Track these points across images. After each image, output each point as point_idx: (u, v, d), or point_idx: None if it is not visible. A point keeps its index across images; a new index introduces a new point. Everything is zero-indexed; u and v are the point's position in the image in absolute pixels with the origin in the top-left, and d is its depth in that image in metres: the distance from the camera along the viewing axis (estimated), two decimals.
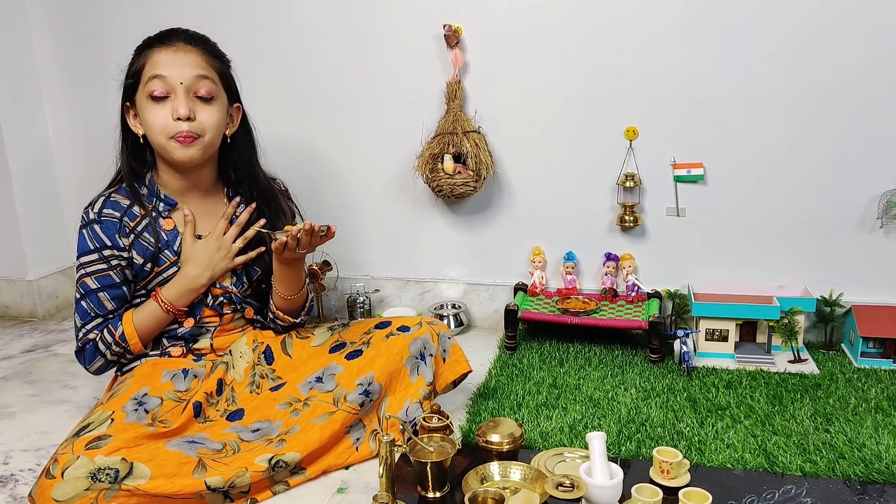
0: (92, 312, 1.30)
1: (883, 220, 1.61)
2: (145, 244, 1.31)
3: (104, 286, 1.30)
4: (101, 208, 1.31)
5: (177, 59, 1.27)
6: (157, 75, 1.26)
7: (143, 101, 1.28)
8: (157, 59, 1.27)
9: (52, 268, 2.11)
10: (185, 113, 1.26)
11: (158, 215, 1.34)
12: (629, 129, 1.69)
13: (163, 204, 1.35)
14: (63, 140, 2.09)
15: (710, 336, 1.60)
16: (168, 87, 1.26)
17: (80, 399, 1.52)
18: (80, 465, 1.02)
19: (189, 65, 1.28)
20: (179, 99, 1.26)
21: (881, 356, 1.54)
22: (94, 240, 1.30)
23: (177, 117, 1.26)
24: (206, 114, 1.29)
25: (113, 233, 1.30)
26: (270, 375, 1.33)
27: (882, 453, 1.19)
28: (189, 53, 1.29)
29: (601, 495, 1.02)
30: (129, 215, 1.32)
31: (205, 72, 1.30)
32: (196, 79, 1.28)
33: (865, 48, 1.53)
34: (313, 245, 1.29)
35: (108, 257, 1.30)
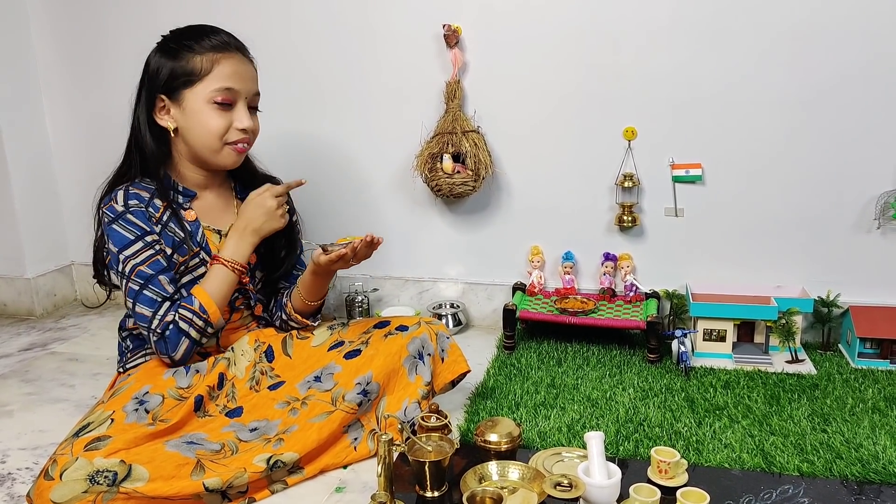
0: (159, 297, 1.25)
1: (880, 221, 1.61)
2: (171, 235, 1.31)
3: (159, 270, 1.26)
4: (125, 200, 1.29)
5: (242, 71, 1.31)
6: (230, 88, 1.29)
7: (201, 103, 1.28)
8: (226, 68, 1.29)
9: (51, 266, 2.11)
10: (250, 125, 1.33)
11: (179, 206, 1.34)
12: (628, 130, 1.69)
13: (181, 196, 1.35)
14: (62, 139, 2.09)
15: (707, 336, 1.60)
16: (234, 98, 1.31)
17: (77, 398, 1.52)
18: (78, 467, 1.02)
19: (251, 79, 1.34)
20: (243, 111, 1.32)
21: (878, 357, 1.55)
22: (133, 229, 1.27)
23: (242, 128, 1.31)
24: (256, 122, 1.36)
25: (146, 220, 1.29)
26: (270, 374, 1.33)
27: (879, 453, 1.20)
28: (249, 66, 1.34)
29: (599, 495, 1.02)
30: (153, 206, 1.31)
31: (258, 87, 1.36)
32: (255, 94, 1.35)
33: (862, 49, 1.54)
34: (368, 256, 1.32)
35: (152, 243, 1.27)
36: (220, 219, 1.39)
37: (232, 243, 1.32)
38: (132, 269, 1.26)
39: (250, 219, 1.32)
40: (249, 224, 1.32)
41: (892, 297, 1.64)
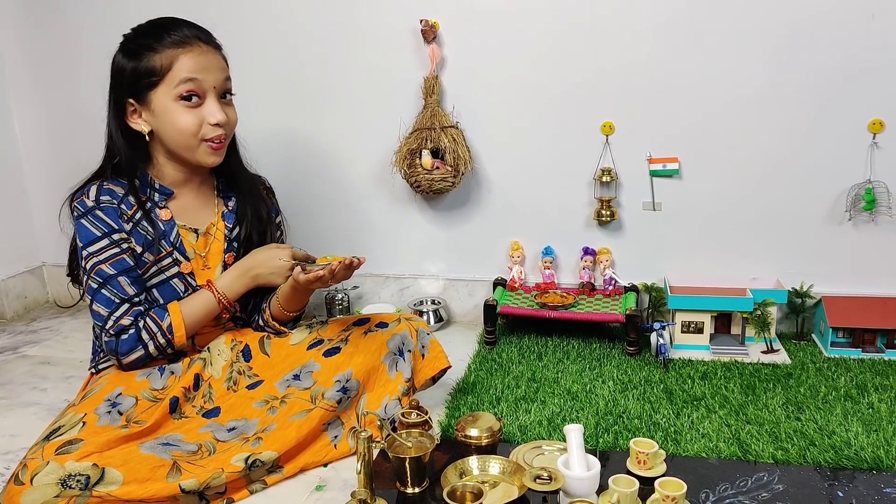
0: (116, 298, 1.23)
1: (851, 213, 1.64)
2: (143, 233, 1.28)
3: (121, 270, 1.24)
4: (97, 195, 1.26)
5: (206, 62, 1.25)
6: (193, 79, 1.23)
7: (169, 102, 1.24)
8: (186, 62, 1.23)
9: (20, 268, 2.07)
10: (222, 118, 1.26)
11: (154, 205, 1.31)
12: (605, 125, 1.70)
13: (158, 194, 1.32)
14: (30, 138, 2.04)
15: (685, 328, 1.62)
16: (201, 91, 1.25)
17: (49, 401, 1.49)
18: (49, 471, 1.00)
19: (217, 68, 1.27)
20: (214, 104, 1.26)
21: (850, 346, 1.58)
22: (100, 225, 1.24)
23: (214, 122, 1.26)
24: (231, 114, 1.30)
25: (116, 217, 1.26)
26: (248, 373, 1.32)
27: (851, 440, 1.22)
28: (214, 55, 1.28)
29: (578, 487, 1.03)
30: (126, 203, 1.27)
31: (227, 73, 1.30)
32: (225, 81, 1.29)
33: (834, 45, 1.56)
34: (347, 277, 1.28)
35: (119, 241, 1.24)
36: (198, 217, 1.36)
37: (230, 278, 1.31)
38: (93, 266, 1.23)
39: (258, 265, 1.32)
40: (254, 269, 1.32)
41: (863, 287, 1.67)
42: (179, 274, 1.31)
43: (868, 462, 1.16)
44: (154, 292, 1.29)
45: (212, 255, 1.35)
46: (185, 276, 1.32)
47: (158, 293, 1.30)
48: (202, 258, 1.34)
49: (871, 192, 1.60)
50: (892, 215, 1.62)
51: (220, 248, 1.36)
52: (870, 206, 1.60)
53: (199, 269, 1.34)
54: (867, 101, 1.57)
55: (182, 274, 1.31)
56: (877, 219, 1.63)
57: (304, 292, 1.33)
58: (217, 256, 1.36)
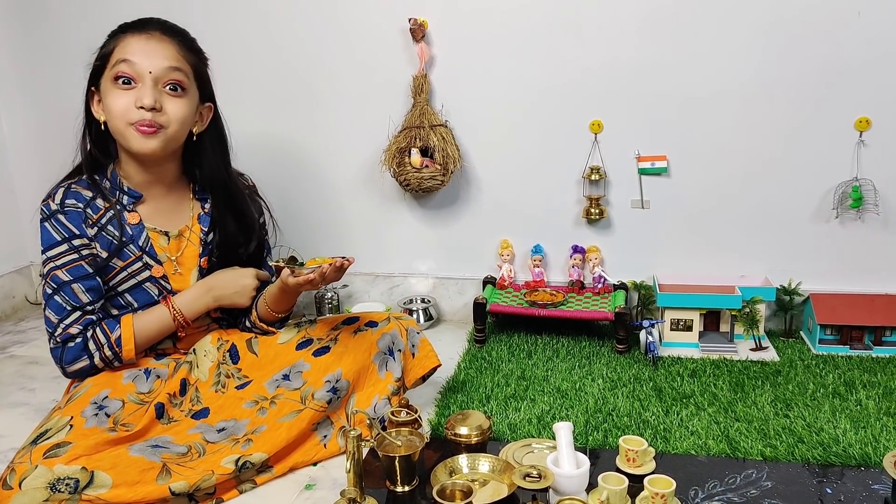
0: (68, 306, 1.21)
1: (838, 211, 1.65)
2: (109, 237, 1.26)
3: (77, 277, 1.22)
4: (63, 199, 1.24)
5: (149, 47, 1.21)
6: (125, 60, 1.20)
7: (108, 85, 1.22)
8: (129, 44, 1.21)
9: (8, 267, 2.05)
10: (149, 102, 1.20)
11: (123, 208, 1.28)
12: (594, 123, 1.70)
13: (127, 197, 1.29)
14: (18, 137, 2.03)
15: (674, 326, 1.63)
16: (135, 74, 1.21)
17: (37, 402, 1.48)
18: (38, 475, 0.99)
19: (161, 55, 1.22)
20: (146, 87, 1.20)
21: (838, 343, 1.59)
22: (61, 230, 1.23)
23: (140, 105, 1.20)
24: (173, 105, 1.23)
25: (79, 222, 1.24)
26: (236, 374, 1.31)
27: (839, 437, 1.23)
28: (163, 43, 1.23)
29: (568, 484, 1.03)
30: (93, 207, 1.26)
31: (177, 64, 1.24)
32: (167, 70, 1.22)
33: (820, 44, 1.57)
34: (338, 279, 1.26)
35: (79, 247, 1.23)
36: (170, 220, 1.33)
37: (190, 297, 1.29)
38: (49, 271, 1.22)
39: (221, 286, 1.30)
40: (217, 290, 1.30)
41: (850, 284, 1.68)
42: (151, 278, 1.29)
43: (856, 459, 1.16)
44: (128, 296, 1.28)
45: (185, 259, 1.33)
46: (158, 279, 1.30)
47: (132, 297, 1.29)
48: (173, 262, 1.32)
49: (858, 190, 1.61)
50: (879, 213, 1.63)
51: (195, 252, 1.34)
52: (857, 204, 1.61)
53: (171, 273, 1.31)
54: (854, 99, 1.58)
55: (154, 278, 1.29)
56: (864, 216, 1.64)
57: (292, 294, 1.31)
58: (192, 260, 1.33)
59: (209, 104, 1.33)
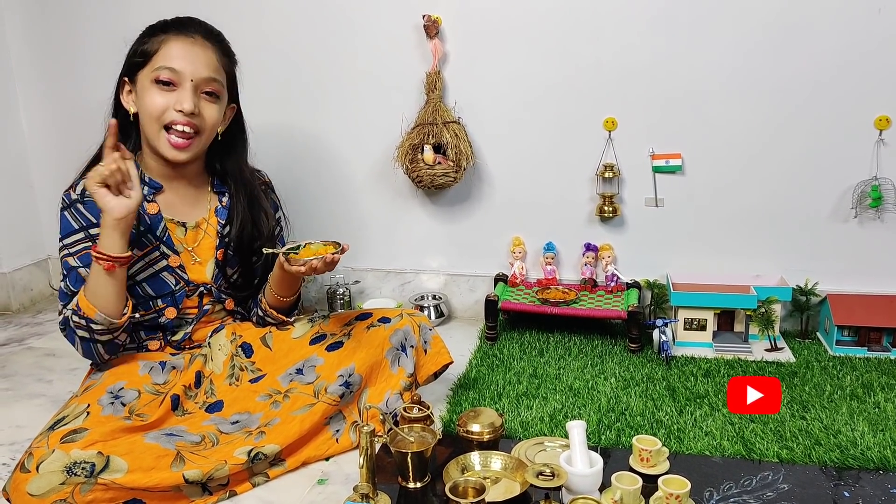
0: (69, 291, 1.23)
1: (857, 210, 1.63)
2: None
3: (86, 264, 1.23)
4: (84, 189, 1.26)
5: (192, 54, 1.24)
6: (169, 66, 1.23)
7: (147, 83, 1.24)
8: (173, 48, 1.24)
9: (27, 260, 2.07)
10: (189, 108, 1.23)
11: (143, 198, 1.30)
12: (608, 120, 1.69)
13: (147, 187, 1.31)
14: (37, 132, 2.05)
15: (688, 325, 1.62)
16: (177, 79, 1.24)
17: (54, 393, 1.49)
18: (55, 459, 1.00)
19: (203, 63, 1.26)
20: (186, 92, 1.24)
21: (856, 344, 1.57)
22: (80, 219, 1.25)
23: (179, 109, 1.23)
24: (209, 111, 1.28)
25: (98, 212, 1.23)
26: (250, 368, 1.32)
27: (857, 440, 1.21)
28: (206, 50, 1.27)
29: (581, 483, 1.02)
30: None
31: (216, 74, 1.28)
32: (208, 78, 1.26)
33: (840, 41, 1.55)
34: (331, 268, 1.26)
35: (95, 236, 1.23)
36: (189, 212, 1.35)
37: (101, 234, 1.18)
38: (63, 257, 1.25)
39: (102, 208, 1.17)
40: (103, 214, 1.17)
41: (869, 285, 1.66)
42: (168, 267, 1.30)
43: (874, 462, 1.15)
44: (145, 286, 1.29)
45: (202, 250, 1.34)
46: (175, 269, 1.31)
47: (149, 287, 1.30)
48: (190, 252, 1.33)
49: (878, 190, 1.59)
50: None
51: (212, 244, 1.35)
52: (876, 204, 1.59)
53: (189, 264, 1.33)
54: (873, 98, 1.56)
55: (171, 268, 1.31)
56: (883, 216, 1.62)
57: (293, 278, 1.33)
58: (208, 252, 1.35)
59: (233, 105, 1.37)
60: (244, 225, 1.37)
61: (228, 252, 1.36)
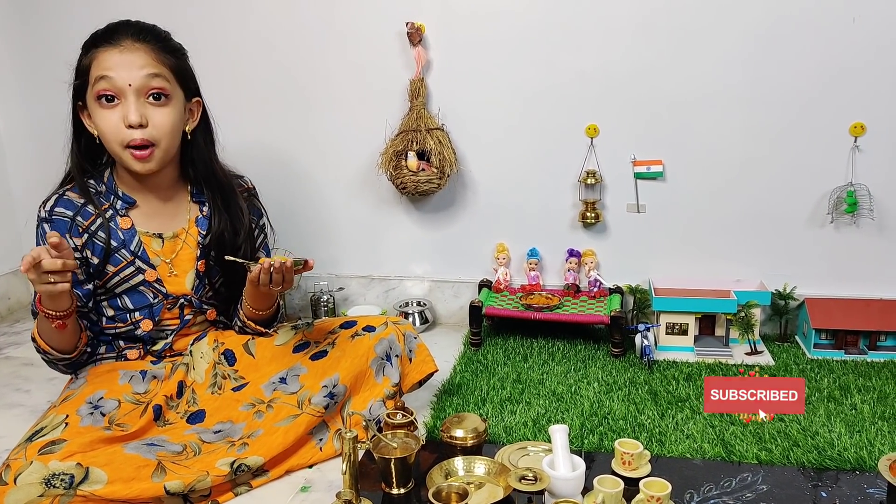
0: (33, 310, 1.21)
1: (833, 216, 1.66)
2: (101, 243, 1.26)
3: None
4: (52, 206, 1.26)
5: (124, 59, 1.19)
6: (105, 76, 1.19)
7: (92, 103, 1.22)
8: (104, 59, 1.20)
9: (4, 269, 2.05)
10: (135, 120, 1.19)
11: (116, 213, 1.29)
12: (590, 127, 1.71)
13: (120, 202, 1.30)
14: (15, 140, 2.03)
15: (670, 330, 1.63)
16: (115, 89, 1.20)
17: (33, 403, 1.47)
18: (33, 471, 0.99)
19: (137, 65, 1.20)
20: (129, 104, 1.19)
21: (833, 347, 1.59)
22: (43, 239, 1.23)
23: (128, 124, 1.20)
24: (159, 117, 1.22)
25: (64, 232, 1.24)
26: (233, 376, 1.31)
27: (834, 441, 1.23)
28: (137, 52, 1.21)
29: (563, 487, 1.03)
30: (83, 214, 1.27)
31: (155, 70, 1.22)
32: (146, 78, 1.21)
33: (815, 50, 1.58)
34: (288, 280, 1.23)
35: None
36: (166, 223, 1.33)
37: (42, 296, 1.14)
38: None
39: None
40: None
41: (845, 289, 1.68)
42: (145, 282, 1.30)
43: (851, 462, 1.17)
44: (125, 299, 1.29)
45: (181, 262, 1.33)
46: (152, 283, 1.30)
47: (128, 300, 1.29)
48: (168, 265, 1.32)
49: (853, 195, 1.61)
50: (874, 218, 1.64)
51: (192, 255, 1.34)
52: (852, 209, 1.62)
53: (166, 276, 1.31)
54: (848, 105, 1.59)
55: (147, 282, 1.30)
56: (858, 221, 1.65)
57: (264, 293, 1.29)
58: (188, 263, 1.33)
59: (197, 99, 1.32)
60: (223, 226, 1.34)
61: (210, 263, 1.35)
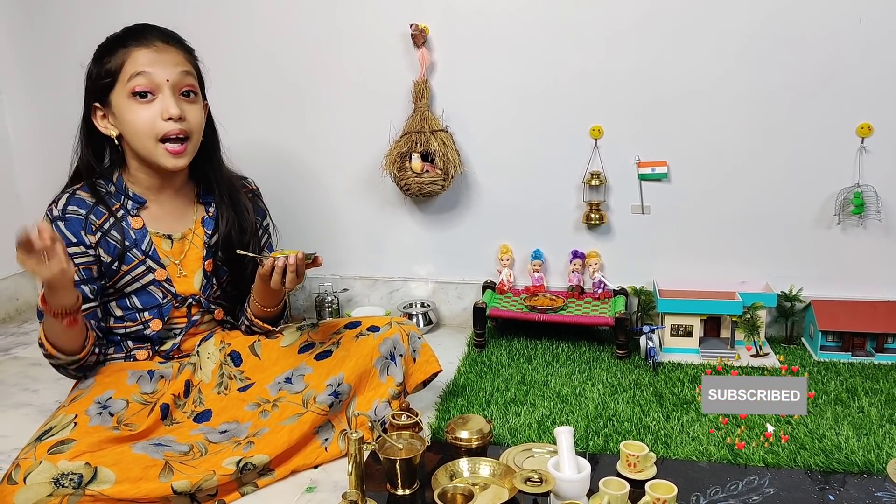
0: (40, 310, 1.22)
1: (840, 217, 1.65)
2: (112, 242, 1.27)
3: None
4: (65, 205, 1.26)
5: (160, 58, 1.23)
6: (142, 72, 1.22)
7: (124, 100, 1.23)
8: (139, 57, 1.22)
9: (12, 270, 2.06)
10: (176, 112, 1.22)
11: (127, 213, 1.30)
12: (594, 128, 1.71)
13: (131, 202, 1.31)
14: (22, 141, 2.04)
15: (675, 332, 1.63)
16: (153, 85, 1.22)
17: (41, 402, 1.48)
18: (42, 470, 1.00)
19: (173, 62, 1.24)
20: (168, 98, 1.23)
21: (840, 349, 1.59)
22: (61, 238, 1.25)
23: (168, 117, 1.22)
24: (192, 112, 1.27)
25: (78, 230, 1.25)
26: (239, 376, 1.31)
27: (842, 444, 1.22)
28: (170, 52, 1.25)
29: (569, 489, 1.03)
30: (95, 213, 1.27)
31: (187, 68, 1.27)
32: (181, 75, 1.25)
33: (822, 50, 1.57)
34: (300, 274, 1.24)
35: (73, 255, 1.23)
36: (174, 224, 1.34)
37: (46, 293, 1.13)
38: None
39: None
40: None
41: (852, 291, 1.68)
42: (155, 281, 1.30)
43: (859, 466, 1.16)
44: (134, 298, 1.30)
45: (189, 262, 1.34)
46: (162, 283, 1.31)
47: (138, 300, 1.30)
48: (177, 265, 1.33)
49: (860, 196, 1.61)
50: (882, 219, 1.63)
51: (199, 255, 1.35)
52: (859, 210, 1.61)
53: (176, 276, 1.33)
54: (855, 105, 1.59)
55: (158, 281, 1.31)
56: (865, 223, 1.65)
57: (273, 290, 1.30)
58: (195, 263, 1.35)
59: (205, 101, 1.36)
60: (230, 224, 1.36)
61: (217, 263, 1.36)
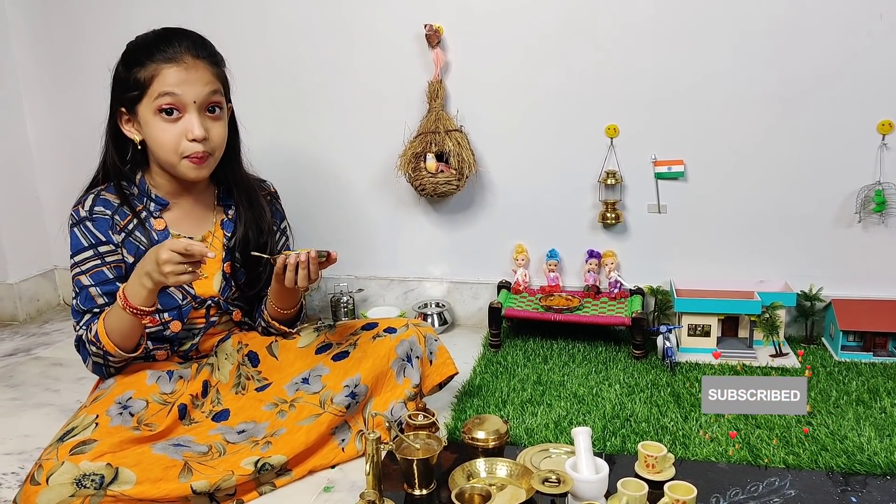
0: (80, 309, 1.25)
1: (861, 215, 1.63)
2: (136, 243, 1.29)
3: (97, 282, 1.25)
4: (92, 206, 1.28)
5: (189, 77, 1.23)
6: (168, 93, 1.22)
7: (150, 115, 1.24)
8: (168, 75, 1.22)
9: (33, 271, 2.09)
10: (200, 134, 1.23)
11: (150, 215, 1.32)
12: (610, 127, 1.70)
13: (154, 204, 1.33)
14: (43, 143, 2.07)
15: (692, 331, 1.62)
16: (181, 104, 1.23)
17: (62, 402, 1.50)
18: (64, 471, 1.01)
19: (202, 82, 1.24)
20: (193, 119, 1.23)
21: (861, 349, 1.57)
22: (89, 237, 1.26)
23: (192, 138, 1.23)
24: (216, 130, 1.27)
25: (106, 229, 1.27)
26: (256, 377, 1.32)
27: (864, 445, 1.21)
28: (199, 70, 1.24)
29: (587, 490, 1.03)
30: (120, 213, 1.29)
31: (215, 86, 1.27)
32: (208, 95, 1.25)
33: (842, 46, 1.55)
34: (314, 272, 1.25)
35: (104, 253, 1.26)
36: (196, 227, 1.36)
37: (131, 282, 1.19)
38: (74, 275, 1.26)
39: (144, 263, 1.16)
40: (143, 268, 1.16)
41: (873, 290, 1.66)
42: None
43: (881, 467, 1.15)
44: None
45: (208, 265, 1.33)
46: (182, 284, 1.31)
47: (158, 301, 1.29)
48: None
49: (882, 194, 1.59)
50: None
51: (218, 257, 1.36)
52: (880, 208, 1.59)
53: None
54: (876, 102, 1.57)
55: None
56: (887, 221, 1.62)
57: (290, 290, 1.31)
58: (215, 265, 1.35)
59: (230, 104, 1.36)
60: (249, 226, 1.37)
61: (236, 265, 1.37)
